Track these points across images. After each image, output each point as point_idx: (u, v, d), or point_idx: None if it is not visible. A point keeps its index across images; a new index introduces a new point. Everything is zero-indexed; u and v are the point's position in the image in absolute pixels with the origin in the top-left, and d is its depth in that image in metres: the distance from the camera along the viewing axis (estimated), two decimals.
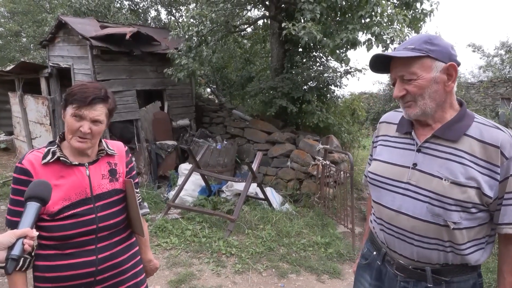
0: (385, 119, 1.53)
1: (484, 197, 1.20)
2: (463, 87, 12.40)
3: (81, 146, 1.46)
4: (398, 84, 1.29)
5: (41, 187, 1.22)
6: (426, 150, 1.30)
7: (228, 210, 4.99)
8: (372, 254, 1.50)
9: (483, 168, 1.20)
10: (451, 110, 1.30)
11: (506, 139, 1.20)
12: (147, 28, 7.30)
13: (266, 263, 3.90)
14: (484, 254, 1.29)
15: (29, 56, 11.28)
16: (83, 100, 1.41)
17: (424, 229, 1.26)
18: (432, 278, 1.29)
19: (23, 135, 8.24)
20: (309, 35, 4.45)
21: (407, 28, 5.17)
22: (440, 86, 1.24)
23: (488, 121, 1.28)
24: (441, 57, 1.23)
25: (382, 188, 1.39)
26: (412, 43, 1.26)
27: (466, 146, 1.23)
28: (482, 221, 1.25)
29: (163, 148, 6.41)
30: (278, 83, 6.24)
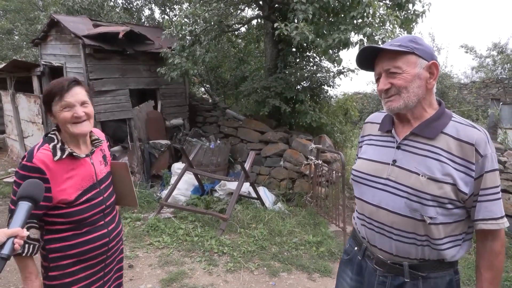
0: (369, 120, 1.59)
1: (459, 193, 1.24)
2: (456, 88, 12.50)
3: (83, 129, 1.59)
4: (383, 78, 1.33)
5: (33, 187, 1.25)
6: (405, 147, 1.34)
7: (220, 209, 5.00)
8: (353, 249, 1.55)
9: (459, 165, 1.24)
10: (430, 108, 1.35)
11: (481, 138, 1.24)
12: (140, 27, 7.28)
13: (258, 262, 3.92)
14: (460, 250, 1.32)
15: (21, 54, 11.18)
16: (62, 87, 1.54)
17: (402, 223, 1.30)
18: (409, 273, 1.32)
19: (15, 134, 8.18)
20: (302, 35, 4.47)
21: (399, 29, 5.21)
22: (423, 82, 1.29)
23: (465, 120, 1.33)
24: (424, 55, 1.29)
25: (363, 184, 1.44)
26: (398, 41, 1.32)
27: (443, 144, 1.27)
28: (459, 217, 1.29)
29: (156, 147, 6.41)
30: (272, 83, 6.27)
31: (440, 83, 11.88)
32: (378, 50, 1.33)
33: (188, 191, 5.59)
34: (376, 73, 1.38)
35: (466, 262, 4.01)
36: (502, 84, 12.34)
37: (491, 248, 1.29)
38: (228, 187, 5.45)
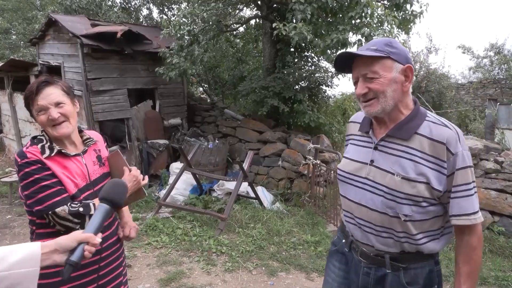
0: (352, 119, 1.64)
1: (433, 191, 1.29)
2: (453, 88, 12.52)
3: (63, 130, 1.52)
4: (360, 82, 1.36)
5: (116, 189, 1.21)
6: (381, 148, 1.41)
7: (219, 209, 5.00)
8: (341, 241, 1.62)
9: (432, 163, 1.29)
10: (406, 109, 1.39)
11: (452, 136, 1.29)
12: (138, 27, 7.27)
13: (256, 262, 3.92)
14: (438, 244, 1.38)
15: (18, 54, 11.14)
16: (31, 91, 1.49)
17: (381, 220, 1.37)
18: (390, 265, 1.39)
19: (12, 134, 8.16)
20: (300, 35, 4.48)
21: (397, 29, 5.23)
22: (399, 85, 1.33)
23: (439, 119, 1.37)
24: (399, 59, 1.32)
25: (346, 182, 1.51)
26: (374, 44, 1.34)
27: (416, 144, 1.32)
28: (435, 214, 1.34)
29: (155, 147, 6.40)
30: (270, 83, 6.27)
31: (438, 83, 11.91)
32: (355, 55, 1.36)
33: (187, 191, 5.59)
34: (353, 77, 1.41)
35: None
36: (499, 84, 12.37)
37: (468, 242, 1.33)
38: (226, 187, 5.45)
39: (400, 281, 1.38)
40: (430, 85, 11.93)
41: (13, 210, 5.48)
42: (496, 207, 4.08)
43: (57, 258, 1.04)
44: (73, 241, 1.05)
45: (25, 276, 0.96)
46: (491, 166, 4.15)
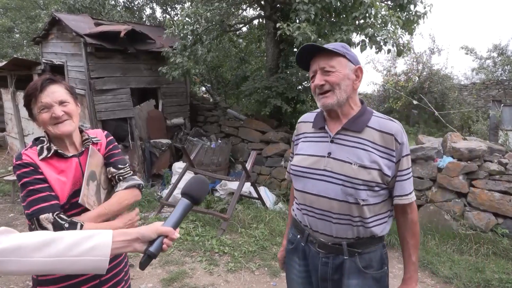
0: (302, 120, 1.76)
1: (384, 176, 1.45)
2: (456, 89, 12.48)
3: (66, 128, 1.50)
4: (319, 75, 1.50)
5: (198, 185, 1.19)
6: (337, 140, 1.53)
7: (221, 209, 5.00)
8: (296, 237, 1.70)
9: (382, 152, 1.46)
10: (356, 106, 1.56)
11: (398, 129, 1.48)
12: (142, 26, 7.27)
13: (259, 262, 3.92)
14: (386, 226, 1.56)
15: (22, 53, 11.16)
16: (35, 88, 1.46)
17: (339, 208, 1.48)
18: (348, 251, 1.52)
19: (15, 132, 8.18)
20: (304, 35, 4.47)
21: (401, 30, 5.21)
22: (350, 82, 1.49)
23: (384, 115, 1.55)
24: (352, 60, 1.50)
25: (304, 177, 1.59)
26: (332, 45, 1.50)
27: (368, 136, 1.48)
28: (384, 197, 1.51)
29: (157, 146, 6.40)
30: (273, 83, 6.26)
31: (441, 84, 11.87)
32: (316, 51, 1.50)
33: None
34: (311, 71, 1.54)
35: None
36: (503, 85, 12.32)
37: (411, 219, 1.55)
38: (229, 187, 5.45)
39: (357, 266, 1.52)
40: (433, 86, 11.90)
41: (15, 209, 5.49)
42: (499, 209, 4.06)
43: (137, 246, 1.07)
44: (154, 232, 1.08)
45: (94, 263, 1.00)
46: (495, 167, 4.13)
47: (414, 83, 12.39)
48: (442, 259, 3.95)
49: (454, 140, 4.57)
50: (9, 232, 1.01)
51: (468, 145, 4.31)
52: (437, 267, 3.81)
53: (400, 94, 11.64)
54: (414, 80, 12.47)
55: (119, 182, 1.65)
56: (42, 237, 0.99)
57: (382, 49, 4.76)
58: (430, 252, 4.06)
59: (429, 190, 4.48)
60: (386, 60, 13.75)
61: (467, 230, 4.20)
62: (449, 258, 3.97)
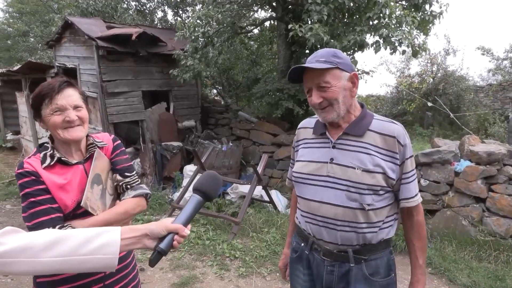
0: (302, 125, 1.73)
1: (389, 179, 1.43)
2: (471, 91, 12.22)
3: (76, 134, 1.45)
4: (315, 92, 1.47)
5: (211, 181, 1.16)
6: (339, 146, 1.51)
7: (232, 212, 4.94)
8: (300, 246, 1.65)
9: (385, 156, 1.44)
10: (356, 111, 1.53)
11: (400, 130, 1.46)
12: (153, 29, 7.29)
13: (270, 267, 3.85)
14: (391, 230, 1.53)
15: (36, 56, 11.33)
16: (52, 89, 1.41)
17: (344, 214, 1.45)
18: (354, 258, 1.48)
19: (29, 135, 8.28)
20: (316, 36, 4.40)
21: (416, 30, 5.09)
22: (348, 92, 1.46)
23: (385, 118, 1.53)
24: (346, 68, 1.45)
25: (306, 184, 1.56)
26: (322, 56, 1.45)
27: (370, 139, 1.46)
28: (389, 201, 1.49)
29: (168, 149, 6.39)
30: (285, 85, 6.19)
31: (456, 85, 11.64)
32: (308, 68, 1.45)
33: None
34: (306, 87, 1.51)
35: None
36: None
37: (417, 221, 1.53)
38: (240, 190, 5.39)
39: (363, 273, 1.48)
40: (448, 88, 11.67)
41: None
42: None
43: (147, 242, 1.05)
44: (163, 229, 1.05)
45: (104, 261, 0.99)
46: None
47: (428, 84, 12.18)
48: (460, 266, 3.82)
49: (472, 143, 4.44)
50: (16, 232, 0.99)
51: (486, 149, 4.17)
52: (454, 274, 3.69)
53: (414, 96, 11.45)
54: (429, 81, 12.25)
55: (126, 190, 1.60)
56: (50, 236, 0.99)
57: (397, 50, 4.65)
58: (447, 258, 3.94)
59: (446, 194, 4.35)
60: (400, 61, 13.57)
61: (486, 236, 4.06)
62: (467, 265, 3.84)
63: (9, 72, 7.82)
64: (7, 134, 9.49)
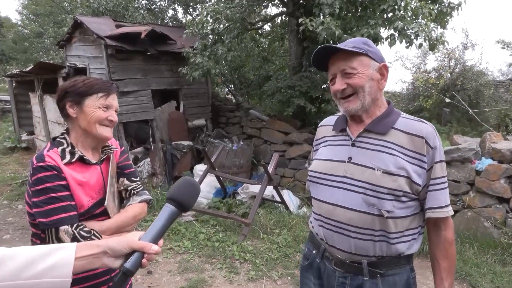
0: (322, 123, 1.62)
1: (413, 185, 1.28)
2: (491, 86, 11.81)
3: (109, 134, 1.51)
4: (339, 78, 1.35)
5: (188, 189, 1.01)
6: (359, 144, 1.37)
7: (243, 213, 4.82)
8: (312, 253, 1.53)
9: (411, 158, 1.29)
10: (382, 107, 1.40)
11: (430, 131, 1.31)
12: (162, 27, 7.22)
13: (281, 271, 3.72)
14: (415, 244, 1.36)
15: (49, 57, 11.44)
16: (108, 89, 1.48)
17: (359, 220, 1.31)
18: (368, 271, 1.33)
19: (43, 135, 8.33)
20: (328, 30, 4.23)
21: (433, 23, 4.86)
22: (375, 83, 1.34)
23: (413, 116, 1.39)
24: (376, 58, 1.34)
25: (320, 184, 1.44)
26: (351, 42, 1.34)
27: (394, 138, 1.32)
28: (414, 210, 1.32)
29: (179, 148, 6.31)
30: (296, 82, 6.03)
31: (475, 80, 11.29)
32: (333, 51, 1.34)
33: (210, 194, 5.45)
34: (330, 73, 1.39)
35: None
36: None
37: (445, 237, 1.35)
38: (250, 190, 5.27)
39: None
40: (466, 83, 11.32)
41: None
42: None
43: (106, 261, 0.91)
44: (126, 247, 0.90)
45: (54, 285, 0.84)
46: None
47: (445, 80, 11.83)
48: (482, 270, 3.63)
49: (494, 140, 4.21)
50: None
51: (510, 146, 3.95)
52: (476, 279, 3.50)
53: (430, 92, 11.13)
54: (446, 77, 11.90)
55: (132, 195, 1.63)
56: None
57: (413, 43, 4.44)
58: (468, 262, 3.74)
59: (466, 194, 4.14)
60: (416, 56, 13.23)
61: (510, 238, 3.85)
62: (490, 270, 3.64)
63: (22, 73, 7.88)
64: (22, 135, 9.58)
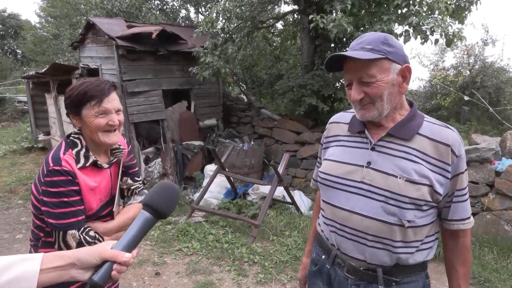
0: (334, 120, 1.51)
1: (435, 194, 1.21)
2: None
3: (114, 139, 1.47)
4: (355, 86, 1.23)
5: (165, 194, 0.94)
6: (380, 148, 1.28)
7: (253, 214, 4.75)
8: (321, 258, 1.46)
9: (434, 166, 1.21)
10: (402, 110, 1.30)
11: (456, 138, 1.23)
12: (173, 27, 7.20)
13: (291, 274, 3.63)
14: (431, 252, 1.31)
15: (64, 58, 11.62)
16: (102, 91, 1.41)
17: (377, 228, 1.24)
18: (383, 280, 1.27)
19: (58, 135, 8.45)
20: (339, 27, 4.11)
21: (449, 18, 4.68)
22: (396, 88, 1.23)
23: (438, 121, 1.30)
24: (397, 59, 1.21)
25: (334, 188, 1.35)
26: (369, 43, 1.21)
27: (418, 145, 1.24)
28: (432, 218, 1.27)
29: (190, 148, 6.28)
30: (308, 81, 5.92)
31: (495, 77, 10.95)
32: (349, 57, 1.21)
33: (221, 194, 5.40)
34: (346, 79, 1.28)
35: None
36: None
37: (463, 244, 1.31)
38: (261, 191, 5.19)
39: None
40: (487, 80, 10.98)
41: None
42: None
43: (74, 273, 0.84)
44: (96, 257, 0.84)
45: None
46: None
47: (464, 77, 11.51)
48: (502, 276, 3.46)
49: None
50: None
51: None
52: (496, 285, 3.34)
53: (449, 90, 10.83)
54: (465, 74, 11.58)
55: (134, 195, 1.65)
56: None
57: (429, 39, 4.28)
58: (487, 267, 3.57)
59: (485, 196, 3.96)
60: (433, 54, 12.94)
61: None
62: (511, 276, 3.47)
63: (38, 74, 8.01)
64: (38, 135, 9.75)
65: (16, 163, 8.22)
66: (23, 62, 21.55)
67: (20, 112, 14.51)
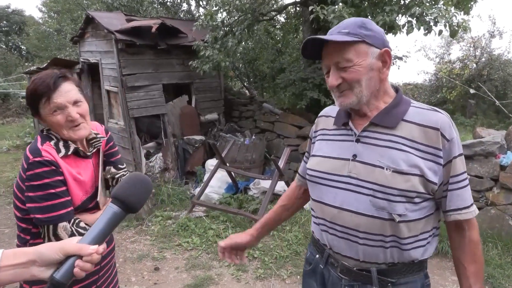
0: (323, 113, 1.45)
1: (429, 184, 1.14)
2: None
3: (82, 133, 1.39)
4: (333, 72, 1.19)
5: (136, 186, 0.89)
6: (365, 139, 1.22)
7: (254, 209, 4.71)
8: (315, 257, 1.40)
9: (425, 153, 1.14)
10: (386, 96, 1.24)
11: (445, 121, 1.16)
12: (173, 20, 7.13)
13: (291, 269, 3.59)
14: (429, 248, 1.23)
15: (65, 53, 11.60)
16: (48, 87, 1.31)
17: (368, 225, 1.17)
18: (378, 280, 1.21)
19: None
20: (340, 18, 4.02)
21: (454, 8, 4.57)
22: (375, 73, 1.18)
23: (425, 105, 1.23)
24: (376, 43, 1.16)
25: (322, 184, 1.29)
26: (346, 26, 1.17)
27: (405, 132, 1.17)
28: (428, 211, 1.19)
29: (191, 143, 6.24)
30: (310, 74, 5.84)
31: (502, 70, 10.77)
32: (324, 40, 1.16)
33: (221, 189, 5.36)
34: (324, 65, 1.23)
35: None
36: None
37: (470, 238, 1.21)
38: (262, 186, 5.15)
39: None
40: (493, 73, 10.82)
41: None
42: None
43: (35, 271, 0.78)
44: (58, 252, 0.78)
45: None
46: None
47: (471, 70, 11.34)
48: (507, 272, 3.40)
49: None
50: None
51: None
52: (500, 281, 3.28)
53: (455, 83, 10.68)
54: (471, 67, 11.41)
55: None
56: None
57: (432, 30, 4.18)
58: (491, 263, 3.51)
59: (490, 191, 3.88)
60: (439, 46, 12.76)
61: None
62: None
63: (38, 69, 7.99)
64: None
65: (19, 159, 8.23)
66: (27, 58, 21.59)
67: (24, 107, 14.55)
